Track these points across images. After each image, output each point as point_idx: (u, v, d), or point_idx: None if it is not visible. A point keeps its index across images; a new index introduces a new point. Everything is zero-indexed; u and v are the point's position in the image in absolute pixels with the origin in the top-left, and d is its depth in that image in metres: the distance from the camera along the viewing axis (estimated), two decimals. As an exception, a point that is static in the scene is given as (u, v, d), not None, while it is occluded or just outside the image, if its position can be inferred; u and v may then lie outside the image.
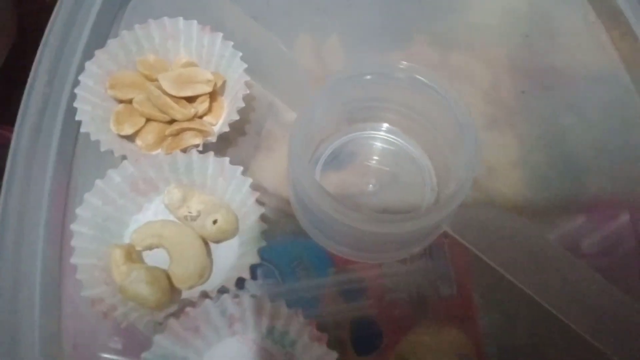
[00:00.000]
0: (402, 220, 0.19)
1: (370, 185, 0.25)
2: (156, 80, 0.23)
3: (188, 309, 0.20)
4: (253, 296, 0.20)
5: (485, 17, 0.31)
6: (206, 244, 0.22)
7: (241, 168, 0.22)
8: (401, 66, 0.22)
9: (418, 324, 0.23)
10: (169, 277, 0.21)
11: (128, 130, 0.23)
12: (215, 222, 0.21)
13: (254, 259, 0.21)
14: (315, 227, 0.23)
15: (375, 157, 0.26)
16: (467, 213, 0.21)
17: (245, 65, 0.24)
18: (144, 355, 0.19)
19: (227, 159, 0.22)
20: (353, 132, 0.26)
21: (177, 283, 0.21)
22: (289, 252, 0.25)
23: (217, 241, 0.23)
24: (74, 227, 0.21)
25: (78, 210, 0.21)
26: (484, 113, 0.29)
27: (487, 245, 0.21)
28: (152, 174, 0.22)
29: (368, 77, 0.22)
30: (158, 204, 0.23)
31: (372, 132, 0.25)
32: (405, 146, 0.25)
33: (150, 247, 0.22)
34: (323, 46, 0.30)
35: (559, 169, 0.28)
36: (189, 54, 0.25)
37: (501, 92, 0.30)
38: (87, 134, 0.22)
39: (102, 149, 0.22)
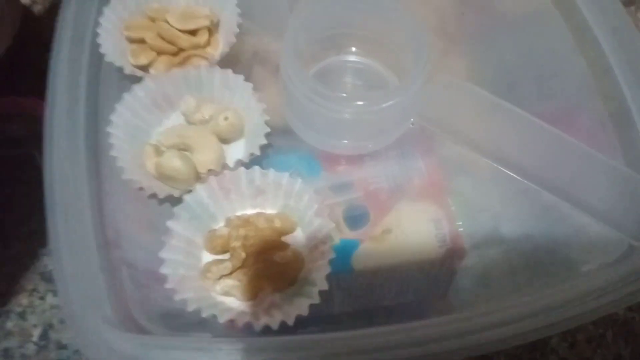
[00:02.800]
0: (370, 97, 0.25)
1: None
2: (163, 20, 0.28)
3: (225, 171, 0.24)
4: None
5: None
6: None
7: (243, 76, 0.27)
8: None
9: (398, 203, 0.28)
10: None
11: (143, 61, 0.28)
12: (226, 118, 0.26)
13: (257, 151, 0.26)
14: (306, 126, 0.28)
15: (348, 78, 0.31)
16: (432, 97, 0.26)
17: (238, 10, 0.29)
18: (185, 196, 0.23)
19: (230, 70, 0.27)
20: (325, 58, 0.31)
21: (200, 168, 0.25)
22: (284, 163, 0.29)
23: (228, 139, 0.27)
24: (109, 129, 0.25)
25: (112, 117, 0.25)
26: (439, 46, 0.35)
27: (452, 123, 0.26)
28: (169, 90, 0.27)
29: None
30: (174, 119, 0.28)
31: (343, 56, 0.31)
32: (374, 65, 0.31)
33: (174, 146, 0.26)
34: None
35: (500, 87, 0.34)
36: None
37: (447, 26, 0.36)
38: (110, 63, 0.27)
39: (126, 72, 0.27)
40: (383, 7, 0.28)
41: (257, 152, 0.26)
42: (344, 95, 0.26)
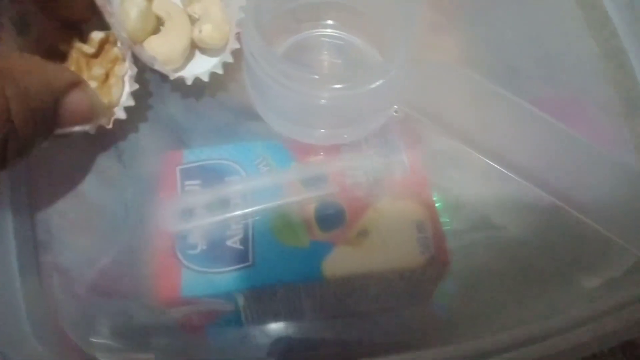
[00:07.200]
0: (355, 77, 0.21)
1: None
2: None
3: None
4: None
5: None
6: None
7: None
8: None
9: (377, 201, 0.25)
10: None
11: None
12: (200, 31, 0.25)
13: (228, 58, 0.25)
14: (274, 111, 0.24)
15: (325, 54, 0.27)
16: (418, 81, 0.23)
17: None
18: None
19: None
20: (299, 31, 0.27)
21: (151, 51, 0.24)
22: (252, 151, 0.26)
23: (202, 50, 0.26)
24: None
25: None
26: (429, 19, 0.31)
27: (441, 113, 0.23)
28: None
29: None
30: None
31: (318, 29, 0.27)
32: (353, 40, 0.27)
33: (157, 17, 0.25)
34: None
35: (498, 69, 0.30)
36: None
37: (442, 1, 0.31)
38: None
39: None
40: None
41: (219, 71, 0.25)
42: (317, 77, 0.22)
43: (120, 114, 0.23)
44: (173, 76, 0.24)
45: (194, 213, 0.24)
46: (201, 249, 0.23)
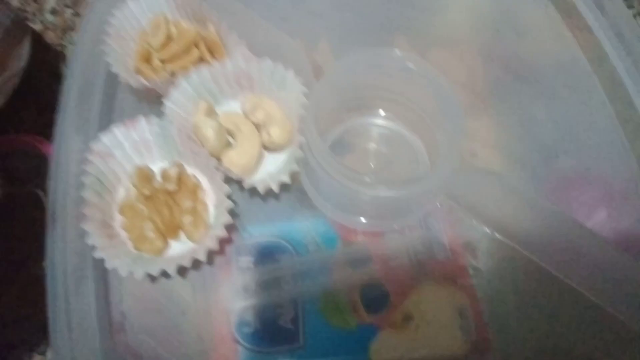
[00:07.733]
0: (401, 184, 0.23)
1: (371, 165, 0.28)
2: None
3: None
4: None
5: (459, 15, 0.35)
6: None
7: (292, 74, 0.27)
8: (395, 55, 0.25)
9: (420, 285, 0.26)
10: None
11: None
12: (269, 134, 0.27)
13: (293, 167, 0.27)
14: (326, 200, 0.26)
15: (373, 142, 0.29)
16: (459, 180, 0.25)
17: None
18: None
19: (291, 72, 0.27)
20: (351, 119, 0.29)
21: (230, 165, 0.26)
22: (301, 231, 0.27)
23: (271, 150, 0.28)
24: (167, 101, 0.27)
25: (174, 92, 0.27)
26: (462, 103, 0.33)
27: (478, 207, 0.25)
28: (254, 73, 0.28)
29: (365, 65, 0.26)
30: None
31: (369, 118, 0.29)
32: (399, 130, 0.29)
33: (227, 131, 0.27)
34: (315, 50, 0.33)
35: (530, 150, 0.32)
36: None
37: (476, 83, 0.34)
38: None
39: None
40: (414, 73, 0.26)
41: (287, 180, 0.26)
42: (366, 180, 0.24)
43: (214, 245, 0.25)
44: (248, 185, 0.26)
45: (248, 290, 0.26)
46: (255, 328, 0.25)
